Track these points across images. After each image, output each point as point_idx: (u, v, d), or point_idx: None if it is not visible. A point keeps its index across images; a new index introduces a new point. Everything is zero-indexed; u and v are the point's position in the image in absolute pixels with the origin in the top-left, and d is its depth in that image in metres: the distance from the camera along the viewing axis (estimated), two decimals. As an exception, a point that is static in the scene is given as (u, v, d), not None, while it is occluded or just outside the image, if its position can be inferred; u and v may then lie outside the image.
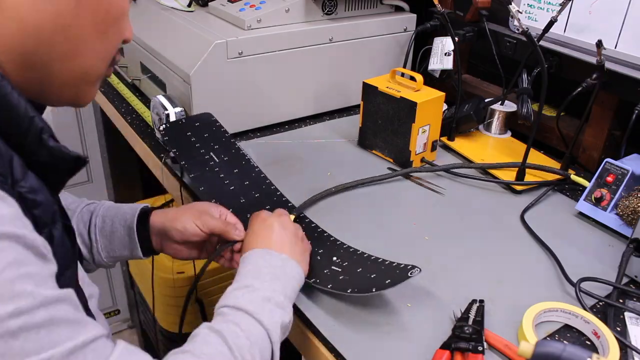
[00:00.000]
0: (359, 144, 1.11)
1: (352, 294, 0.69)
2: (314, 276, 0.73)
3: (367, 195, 0.95)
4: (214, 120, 1.00)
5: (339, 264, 0.75)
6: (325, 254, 0.77)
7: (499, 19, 1.13)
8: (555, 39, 1.01)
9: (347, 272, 0.73)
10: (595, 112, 1.03)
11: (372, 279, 0.70)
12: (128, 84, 1.33)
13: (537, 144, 1.10)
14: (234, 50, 1.04)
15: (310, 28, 1.14)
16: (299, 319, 0.70)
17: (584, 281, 0.75)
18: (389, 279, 0.68)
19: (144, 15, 1.30)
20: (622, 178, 0.88)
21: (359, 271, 0.73)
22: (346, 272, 0.73)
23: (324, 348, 0.66)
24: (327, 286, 0.71)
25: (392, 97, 1.01)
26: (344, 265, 0.75)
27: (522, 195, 0.97)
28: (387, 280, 0.68)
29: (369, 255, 0.76)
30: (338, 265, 0.74)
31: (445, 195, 0.97)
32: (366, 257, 0.76)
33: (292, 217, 0.82)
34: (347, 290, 0.69)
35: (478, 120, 1.11)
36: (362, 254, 0.77)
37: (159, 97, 1.05)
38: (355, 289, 0.69)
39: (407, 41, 1.27)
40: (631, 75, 0.89)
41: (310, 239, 0.79)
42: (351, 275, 0.72)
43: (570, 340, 0.68)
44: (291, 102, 1.18)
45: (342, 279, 0.72)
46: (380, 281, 0.68)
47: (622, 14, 0.91)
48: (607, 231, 0.88)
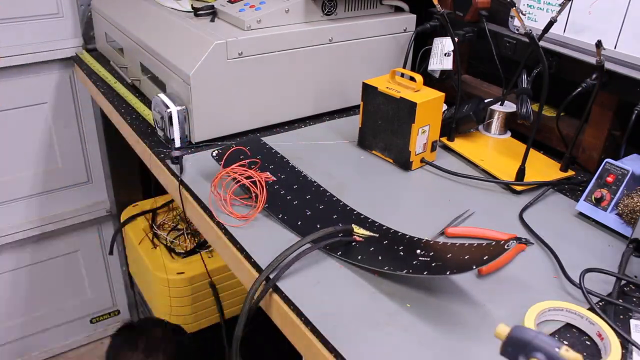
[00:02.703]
0: (359, 145, 1.11)
1: (451, 274, 0.69)
2: (403, 268, 0.72)
3: (366, 194, 0.95)
4: (264, 143, 1.05)
5: (425, 255, 0.74)
6: (407, 249, 0.77)
7: (498, 19, 1.13)
8: (555, 39, 1.01)
9: (437, 260, 0.72)
10: (595, 112, 1.03)
11: (467, 260, 0.69)
12: (128, 85, 1.34)
13: (537, 144, 1.10)
14: (234, 50, 1.05)
15: (310, 28, 1.14)
16: (299, 319, 0.70)
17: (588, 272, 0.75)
18: (485, 256, 0.67)
19: (144, 16, 1.30)
20: (622, 178, 0.88)
21: (449, 257, 0.72)
22: (436, 259, 0.72)
23: (324, 348, 0.66)
24: (422, 273, 0.70)
25: (392, 97, 1.01)
26: (431, 255, 0.74)
27: (522, 196, 0.97)
28: (484, 256, 0.67)
29: (452, 243, 0.76)
30: (425, 256, 0.74)
31: (446, 195, 0.97)
32: (450, 245, 0.75)
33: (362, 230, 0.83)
34: (446, 272, 0.69)
35: (478, 121, 1.11)
36: (445, 243, 0.77)
37: (161, 95, 1.06)
38: (453, 270, 0.68)
39: (407, 41, 1.27)
40: (631, 76, 0.89)
41: (385, 240, 0.80)
42: (444, 261, 0.71)
43: (570, 340, 0.68)
44: (291, 102, 1.18)
45: (436, 265, 0.71)
46: (477, 259, 0.68)
47: (622, 14, 0.91)
48: (607, 231, 0.88)
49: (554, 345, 0.52)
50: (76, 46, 1.61)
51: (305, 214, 0.87)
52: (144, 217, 1.67)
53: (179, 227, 1.64)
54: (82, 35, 1.61)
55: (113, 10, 1.40)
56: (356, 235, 0.81)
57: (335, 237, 0.79)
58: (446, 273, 0.69)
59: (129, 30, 1.28)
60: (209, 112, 1.06)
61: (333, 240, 0.79)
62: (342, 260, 0.78)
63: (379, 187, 0.98)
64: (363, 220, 0.87)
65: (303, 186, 0.94)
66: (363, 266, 0.76)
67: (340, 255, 0.78)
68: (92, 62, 1.51)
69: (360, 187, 0.98)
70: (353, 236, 0.80)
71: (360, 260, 0.76)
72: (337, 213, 0.88)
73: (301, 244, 0.77)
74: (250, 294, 0.73)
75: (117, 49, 1.41)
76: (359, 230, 0.82)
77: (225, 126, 1.11)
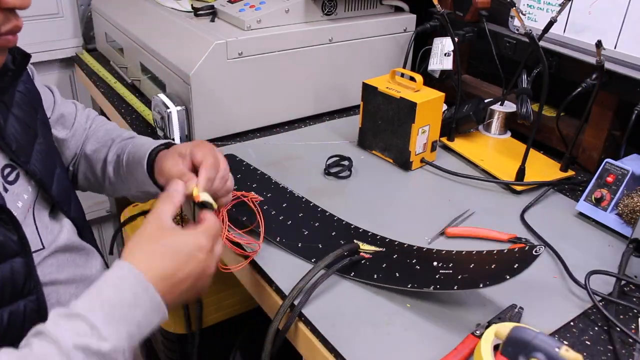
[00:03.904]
0: (359, 145, 1.11)
1: (485, 287, 0.64)
2: (429, 284, 0.68)
3: (366, 194, 0.95)
4: (239, 160, 1.01)
5: (446, 267, 0.70)
6: (421, 262, 0.73)
7: (498, 19, 1.13)
8: (555, 39, 1.01)
9: (461, 272, 0.68)
10: (595, 112, 1.03)
11: (495, 270, 0.65)
12: (128, 85, 1.33)
13: (537, 144, 1.10)
14: (234, 50, 1.05)
15: (310, 28, 1.14)
16: (298, 319, 0.70)
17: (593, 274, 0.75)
18: (515, 264, 0.63)
19: (144, 16, 1.30)
20: (622, 178, 0.88)
21: (472, 267, 0.68)
22: (460, 272, 0.68)
23: (324, 348, 0.66)
24: (453, 288, 0.66)
25: (392, 97, 1.01)
26: (451, 266, 0.70)
27: (522, 196, 0.97)
28: (514, 265, 0.63)
29: (468, 251, 0.72)
30: (445, 269, 0.69)
31: (446, 195, 0.97)
32: (465, 254, 0.72)
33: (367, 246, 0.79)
34: (480, 285, 0.64)
35: (478, 121, 1.11)
36: (459, 252, 0.73)
37: (161, 95, 1.06)
38: (486, 282, 0.64)
39: (407, 41, 1.27)
40: (631, 75, 0.89)
41: (395, 254, 0.76)
42: (469, 273, 0.67)
43: (570, 340, 0.68)
44: (291, 102, 1.18)
45: (462, 278, 0.67)
46: (507, 268, 0.63)
47: (622, 14, 0.91)
48: (607, 231, 0.88)
49: (554, 345, 0.52)
50: (76, 46, 1.61)
51: (302, 234, 0.83)
52: (144, 217, 1.67)
53: (179, 227, 1.64)
54: (82, 35, 1.61)
55: (113, 10, 1.40)
56: (362, 252, 0.78)
57: (344, 259, 0.75)
58: (479, 286, 0.64)
59: (129, 30, 1.28)
60: (209, 112, 1.06)
61: (344, 263, 0.74)
62: (358, 281, 0.74)
63: (379, 187, 0.98)
64: (362, 234, 0.83)
65: (292, 203, 0.90)
66: (383, 286, 0.72)
67: (354, 276, 0.74)
68: (92, 62, 1.51)
69: (360, 187, 0.98)
70: (360, 254, 0.77)
71: (378, 279, 0.73)
72: (334, 229, 0.84)
73: (315, 271, 0.72)
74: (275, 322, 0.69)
75: (117, 49, 1.41)
76: (364, 246, 0.79)
77: (225, 126, 1.11)
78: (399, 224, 0.88)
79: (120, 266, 0.56)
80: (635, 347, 0.66)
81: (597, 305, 0.70)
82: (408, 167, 1.03)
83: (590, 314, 0.72)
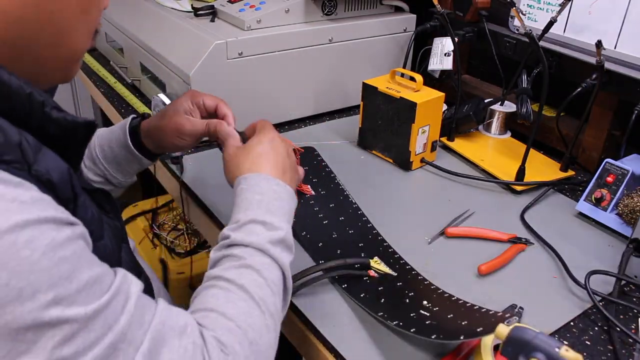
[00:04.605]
0: (359, 145, 1.11)
1: (436, 340, 0.62)
2: (396, 318, 0.67)
3: (366, 194, 0.95)
4: (317, 154, 1.02)
5: (429, 309, 0.69)
6: (416, 297, 0.72)
7: (498, 19, 1.13)
8: (555, 39, 1.01)
9: (435, 318, 0.67)
10: (595, 112, 1.03)
11: (462, 326, 0.63)
12: (128, 85, 1.33)
13: (537, 144, 1.10)
14: (234, 50, 1.05)
15: (310, 28, 1.14)
16: (298, 319, 0.70)
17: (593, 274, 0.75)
18: (481, 327, 0.60)
19: (144, 16, 1.30)
20: (622, 178, 0.88)
21: (449, 317, 0.66)
22: (435, 317, 0.67)
23: (324, 348, 0.66)
24: (409, 330, 0.65)
25: (392, 97, 1.01)
26: (434, 310, 0.69)
27: (522, 196, 0.97)
28: (478, 328, 0.60)
29: (464, 301, 0.70)
30: (427, 310, 0.68)
31: (446, 195, 0.97)
32: (461, 303, 0.70)
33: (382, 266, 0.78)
34: (432, 337, 0.62)
35: (478, 121, 1.11)
36: (458, 300, 0.71)
37: (161, 95, 1.06)
38: (440, 335, 0.62)
39: (407, 41, 1.27)
40: (631, 75, 0.89)
41: (402, 281, 0.75)
42: (440, 321, 0.66)
43: (570, 340, 0.68)
44: (291, 102, 1.18)
45: (429, 324, 0.65)
46: (471, 329, 0.62)
47: (622, 14, 0.91)
48: (607, 231, 0.88)
49: (554, 345, 0.52)
50: (76, 46, 1.61)
51: (330, 236, 0.83)
52: (144, 217, 1.67)
53: (179, 227, 1.64)
54: (82, 35, 1.61)
55: (113, 10, 1.40)
56: (373, 269, 0.76)
57: (348, 269, 0.75)
58: (431, 337, 0.62)
59: (129, 30, 1.28)
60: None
61: (343, 273, 0.75)
62: (344, 294, 0.73)
63: (379, 187, 0.98)
64: (390, 254, 0.81)
65: (341, 206, 0.89)
66: (360, 305, 0.71)
67: (345, 289, 0.73)
68: (92, 62, 1.51)
69: (361, 187, 0.98)
70: (369, 271, 0.76)
71: (361, 299, 0.71)
72: (365, 241, 0.83)
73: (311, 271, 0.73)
74: None
75: (117, 49, 1.41)
76: (378, 265, 0.77)
77: (225, 126, 1.11)
78: (399, 224, 0.88)
79: (245, 180, 0.66)
80: (635, 347, 0.66)
81: (597, 305, 0.70)
82: (408, 167, 1.03)
83: (590, 314, 0.72)
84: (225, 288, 0.56)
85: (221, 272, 0.58)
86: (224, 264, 0.59)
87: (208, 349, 0.50)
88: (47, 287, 0.41)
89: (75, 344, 0.42)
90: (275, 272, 0.59)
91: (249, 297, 0.56)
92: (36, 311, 0.40)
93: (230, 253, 0.59)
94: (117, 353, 0.45)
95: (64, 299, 0.42)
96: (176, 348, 0.48)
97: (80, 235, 0.46)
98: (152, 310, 0.49)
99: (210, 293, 0.56)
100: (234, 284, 0.56)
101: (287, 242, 0.62)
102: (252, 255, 0.59)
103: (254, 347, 0.53)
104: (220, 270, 0.58)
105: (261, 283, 0.57)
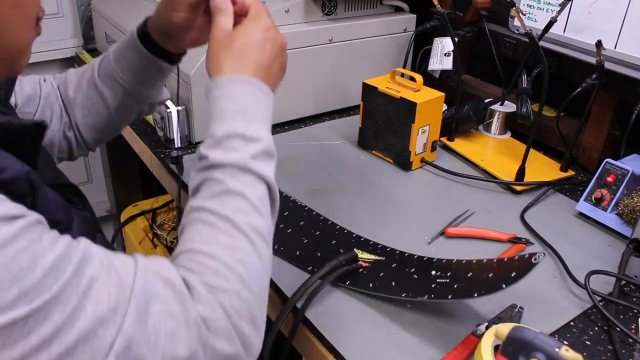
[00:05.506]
0: (359, 145, 1.11)
1: (479, 296, 0.62)
2: (424, 293, 0.66)
3: (366, 194, 0.95)
4: None
5: (444, 276, 0.68)
6: (420, 271, 0.72)
7: (498, 19, 1.13)
8: (555, 39, 1.01)
9: (459, 281, 0.66)
10: (595, 112, 1.03)
11: (492, 278, 0.63)
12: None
13: (537, 144, 1.10)
14: (234, 50, 1.04)
15: (310, 28, 1.14)
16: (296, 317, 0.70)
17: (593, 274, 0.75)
18: (513, 272, 0.60)
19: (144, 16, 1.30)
20: (622, 178, 0.88)
21: (470, 276, 0.66)
22: (457, 281, 0.67)
23: (324, 348, 0.66)
24: (447, 297, 0.64)
25: (392, 97, 1.01)
26: (449, 275, 0.68)
27: (522, 196, 0.97)
28: (512, 273, 0.60)
29: (469, 259, 0.70)
30: (443, 278, 0.68)
31: (446, 195, 0.97)
32: (465, 262, 0.69)
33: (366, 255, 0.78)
34: (474, 295, 0.62)
35: (478, 121, 1.11)
36: (460, 261, 0.71)
37: (160, 96, 1.05)
38: (482, 291, 0.61)
39: (407, 41, 1.27)
40: (631, 75, 0.89)
41: (394, 263, 0.75)
42: (466, 282, 0.65)
43: (570, 340, 0.68)
44: (291, 102, 1.18)
45: (458, 287, 0.65)
46: (505, 277, 0.61)
47: (622, 14, 0.91)
48: (607, 231, 0.88)
49: (554, 345, 0.52)
50: (76, 46, 1.61)
51: (302, 243, 0.82)
52: (144, 217, 1.67)
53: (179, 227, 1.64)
54: (82, 35, 1.61)
55: (113, 10, 1.40)
56: (361, 260, 0.76)
57: (341, 268, 0.74)
58: (474, 295, 0.62)
59: (128, 30, 1.27)
60: (209, 112, 1.06)
61: (339, 272, 0.73)
62: (353, 290, 0.73)
63: (379, 187, 0.98)
64: (364, 243, 0.82)
65: (294, 212, 0.89)
66: (377, 294, 0.71)
67: (350, 285, 0.73)
68: (92, 62, 1.51)
69: (360, 187, 0.98)
70: (358, 262, 0.76)
71: (373, 288, 0.71)
72: (335, 238, 0.83)
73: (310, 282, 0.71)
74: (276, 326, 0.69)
75: (117, 49, 1.40)
76: (363, 255, 0.78)
77: (225, 126, 1.11)
78: (399, 224, 0.88)
79: (217, 87, 0.60)
80: (635, 347, 0.66)
81: (597, 305, 0.70)
82: (408, 167, 1.03)
83: (590, 314, 0.72)
84: (210, 222, 0.53)
85: (204, 202, 0.54)
86: (206, 190, 0.55)
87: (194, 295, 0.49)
88: (9, 284, 0.40)
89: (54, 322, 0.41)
90: (260, 187, 0.56)
91: (235, 228, 0.53)
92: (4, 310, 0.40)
93: (210, 177, 0.55)
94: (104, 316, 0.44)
95: (31, 289, 0.41)
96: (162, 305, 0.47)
97: (37, 221, 0.45)
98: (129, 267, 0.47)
99: (195, 229, 0.53)
100: (218, 215, 0.53)
101: (269, 150, 0.59)
102: (234, 176, 0.55)
103: (245, 281, 0.51)
104: (203, 200, 0.55)
105: (246, 208, 0.54)
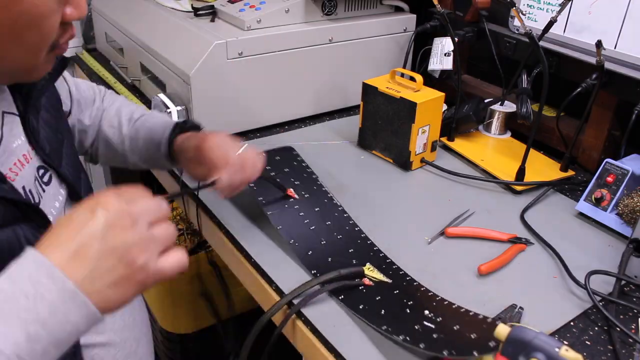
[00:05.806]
0: (359, 145, 1.11)
1: (450, 357, 0.59)
2: (402, 332, 0.65)
3: (366, 194, 0.95)
4: (296, 154, 0.98)
5: (432, 319, 0.66)
6: (416, 306, 0.69)
7: (498, 19, 1.13)
8: (555, 39, 1.01)
9: (442, 330, 0.64)
10: (595, 112, 1.03)
11: (473, 340, 0.61)
12: (128, 85, 1.33)
13: (537, 144, 1.10)
14: (234, 50, 1.04)
15: (310, 28, 1.14)
16: (298, 319, 0.70)
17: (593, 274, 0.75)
18: (493, 341, 0.57)
19: (144, 16, 1.30)
20: (622, 178, 0.88)
21: (455, 329, 0.64)
22: (441, 329, 0.64)
23: (324, 348, 0.66)
24: (418, 345, 0.62)
25: (392, 97, 1.01)
26: (438, 320, 0.66)
27: (522, 196, 0.97)
28: (490, 342, 0.57)
29: (466, 310, 0.67)
30: (431, 321, 0.66)
31: (446, 195, 0.97)
32: (464, 312, 0.67)
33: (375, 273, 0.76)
34: (443, 352, 0.60)
35: (478, 121, 1.11)
36: (459, 308, 0.68)
37: (160, 95, 1.06)
38: (452, 351, 0.59)
39: (407, 41, 1.27)
40: (631, 75, 0.89)
41: (398, 289, 0.72)
42: (447, 334, 0.63)
43: (570, 340, 0.68)
44: (291, 102, 1.18)
45: (437, 338, 0.63)
46: (483, 343, 0.59)
47: (622, 14, 0.91)
48: (607, 231, 0.88)
49: (554, 345, 0.52)
50: (76, 46, 1.61)
51: (319, 243, 0.80)
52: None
53: (179, 227, 1.64)
54: (82, 35, 1.61)
55: (113, 10, 1.40)
56: (367, 277, 0.74)
57: (342, 281, 0.72)
58: (442, 353, 0.60)
59: (129, 30, 1.28)
60: (209, 112, 1.06)
61: (338, 285, 0.72)
62: (342, 305, 0.71)
63: (379, 187, 0.98)
64: (382, 259, 0.79)
65: (326, 210, 0.86)
66: (360, 318, 0.68)
67: (342, 300, 0.71)
68: (92, 62, 1.51)
69: (361, 187, 0.98)
70: (363, 279, 0.74)
71: (361, 311, 0.69)
72: (354, 246, 0.81)
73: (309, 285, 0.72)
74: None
75: (117, 49, 1.41)
76: (372, 272, 0.75)
77: (225, 126, 1.11)
78: (399, 224, 0.88)
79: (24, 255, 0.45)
80: (635, 347, 0.66)
81: (597, 305, 0.70)
82: (408, 167, 1.03)
83: (590, 314, 0.72)
84: None
85: None
86: None
87: None
88: None
89: None
90: None
91: None
92: None
93: None
94: None
95: None
96: None
97: None
98: None
99: None
100: None
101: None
102: None
103: None
104: None
105: None
